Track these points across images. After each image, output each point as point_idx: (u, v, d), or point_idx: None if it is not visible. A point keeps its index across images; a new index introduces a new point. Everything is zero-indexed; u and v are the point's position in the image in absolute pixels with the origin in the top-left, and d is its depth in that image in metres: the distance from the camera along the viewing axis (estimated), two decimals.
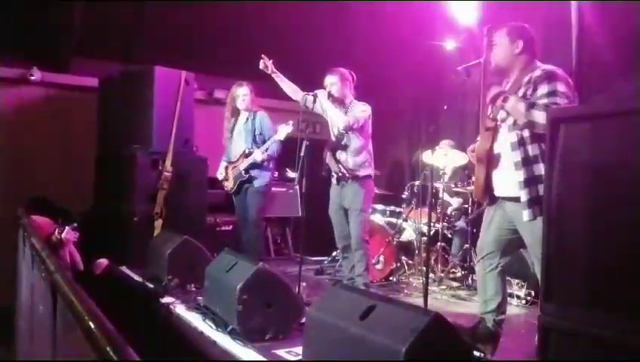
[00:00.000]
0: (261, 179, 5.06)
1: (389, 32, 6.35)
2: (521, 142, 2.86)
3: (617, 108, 1.89)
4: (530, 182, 2.80)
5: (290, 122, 4.76)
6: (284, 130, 4.84)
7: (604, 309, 1.83)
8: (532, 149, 2.83)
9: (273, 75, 4.56)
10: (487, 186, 3.05)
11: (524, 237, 2.98)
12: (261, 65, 4.53)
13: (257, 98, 5.25)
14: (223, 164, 5.31)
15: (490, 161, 3.00)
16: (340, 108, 4.53)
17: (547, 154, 2.09)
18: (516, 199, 2.88)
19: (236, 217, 5.39)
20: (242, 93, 5.12)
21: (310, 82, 4.65)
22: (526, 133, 2.84)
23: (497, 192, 3.05)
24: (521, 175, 2.83)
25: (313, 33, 6.36)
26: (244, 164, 5.03)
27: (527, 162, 2.83)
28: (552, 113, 2.14)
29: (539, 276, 2.95)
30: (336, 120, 4.48)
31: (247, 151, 5.06)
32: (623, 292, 1.79)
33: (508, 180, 2.93)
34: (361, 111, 4.48)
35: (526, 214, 2.79)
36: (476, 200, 3.23)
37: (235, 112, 5.24)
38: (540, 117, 2.69)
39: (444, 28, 5.27)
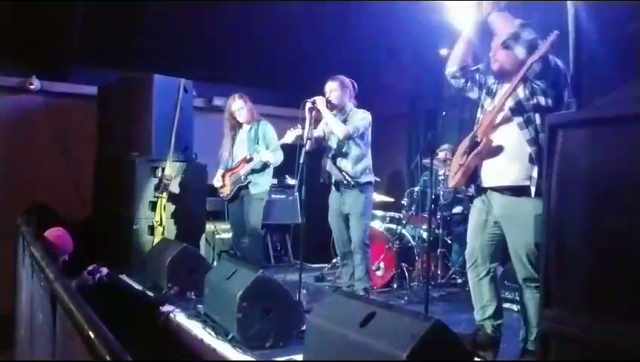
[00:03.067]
0: (260, 186, 5.03)
1: (389, 38, 6.37)
2: (533, 140, 2.87)
3: (616, 113, 1.89)
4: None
5: (299, 125, 4.72)
6: (293, 134, 4.77)
7: (604, 315, 1.83)
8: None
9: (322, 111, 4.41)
10: (475, 174, 3.06)
11: (509, 238, 2.97)
12: (308, 105, 4.36)
13: (257, 106, 5.22)
14: (220, 171, 5.28)
15: (491, 150, 2.99)
16: (339, 115, 4.52)
17: (545, 159, 2.09)
18: (507, 190, 2.91)
19: (230, 225, 5.35)
20: (237, 108, 5.06)
21: (309, 89, 4.64)
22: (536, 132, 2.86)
23: (488, 183, 3.04)
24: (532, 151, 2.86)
25: (311, 40, 6.38)
26: (244, 170, 5.01)
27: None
28: (550, 119, 2.14)
29: (520, 280, 2.97)
30: (335, 129, 4.44)
31: (248, 157, 5.04)
32: (623, 298, 1.79)
33: (504, 170, 2.94)
34: (361, 119, 4.45)
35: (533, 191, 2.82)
36: (455, 185, 3.23)
37: (237, 125, 5.21)
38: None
39: (443, 33, 5.29)
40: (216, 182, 5.24)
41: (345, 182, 4.47)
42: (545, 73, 2.81)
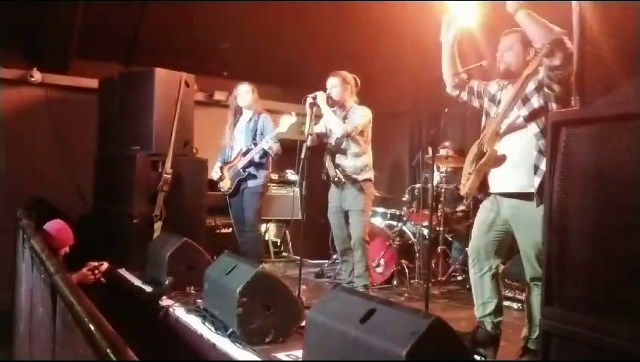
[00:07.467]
0: (258, 178, 5.02)
1: (391, 34, 6.35)
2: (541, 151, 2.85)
3: (619, 111, 1.88)
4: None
5: (293, 113, 4.68)
6: (288, 121, 4.77)
7: (606, 314, 1.82)
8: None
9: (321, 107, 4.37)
10: (485, 181, 3.07)
11: (519, 238, 2.98)
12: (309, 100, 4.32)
13: (260, 100, 5.23)
14: (218, 164, 5.27)
15: (497, 159, 3.00)
16: (339, 112, 4.51)
17: (548, 157, 2.08)
18: (515, 195, 2.92)
19: (232, 219, 5.35)
20: (244, 91, 5.11)
21: (310, 84, 4.63)
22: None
23: (495, 189, 3.05)
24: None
25: (314, 35, 6.36)
26: (242, 162, 5.00)
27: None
28: (553, 117, 2.13)
29: (528, 278, 2.96)
30: (333, 127, 4.43)
31: (244, 150, 5.03)
32: (625, 297, 1.78)
33: (509, 177, 2.95)
34: (361, 117, 4.43)
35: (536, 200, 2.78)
36: (467, 193, 3.23)
37: (238, 112, 5.22)
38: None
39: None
40: (215, 174, 5.24)
41: (336, 179, 4.46)
42: (567, 79, 2.75)
